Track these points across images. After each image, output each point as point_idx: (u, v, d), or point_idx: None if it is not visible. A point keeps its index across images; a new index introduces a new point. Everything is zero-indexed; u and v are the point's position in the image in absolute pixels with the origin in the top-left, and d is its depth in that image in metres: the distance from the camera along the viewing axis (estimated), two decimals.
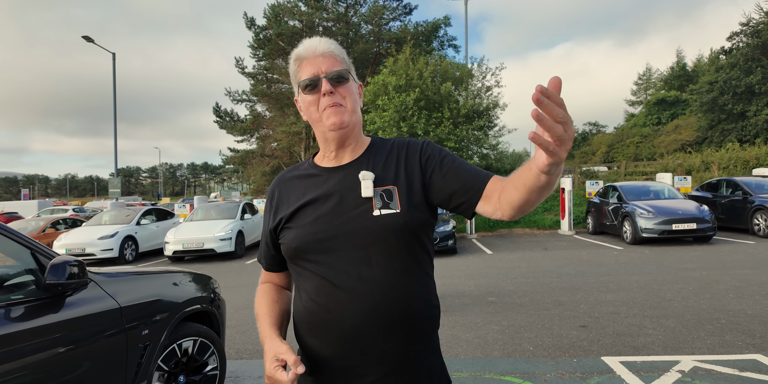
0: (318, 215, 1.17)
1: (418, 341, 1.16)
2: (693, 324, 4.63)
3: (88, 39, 20.11)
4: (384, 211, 1.13)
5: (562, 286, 6.60)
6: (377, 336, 1.11)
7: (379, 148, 1.25)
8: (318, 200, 1.19)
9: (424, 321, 1.17)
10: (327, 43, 1.21)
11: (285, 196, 1.26)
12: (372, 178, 1.16)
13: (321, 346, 1.15)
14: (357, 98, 1.23)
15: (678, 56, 45.97)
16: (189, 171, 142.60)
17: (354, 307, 1.11)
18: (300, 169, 1.30)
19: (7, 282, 2.20)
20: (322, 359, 1.16)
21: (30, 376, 1.87)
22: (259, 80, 26.68)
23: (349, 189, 1.17)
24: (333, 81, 1.17)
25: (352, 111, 1.19)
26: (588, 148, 42.09)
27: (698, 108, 28.53)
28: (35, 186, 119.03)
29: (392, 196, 1.15)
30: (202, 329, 3.06)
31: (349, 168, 1.21)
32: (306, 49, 1.19)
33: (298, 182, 1.26)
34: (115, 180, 21.75)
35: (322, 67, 1.17)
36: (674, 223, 10.11)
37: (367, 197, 1.15)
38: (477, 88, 17.46)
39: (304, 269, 1.18)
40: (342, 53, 1.23)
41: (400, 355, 1.13)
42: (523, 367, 3.73)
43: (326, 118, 1.17)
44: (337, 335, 1.12)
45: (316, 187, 1.22)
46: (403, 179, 1.18)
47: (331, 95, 1.17)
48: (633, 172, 20.23)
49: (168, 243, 11.46)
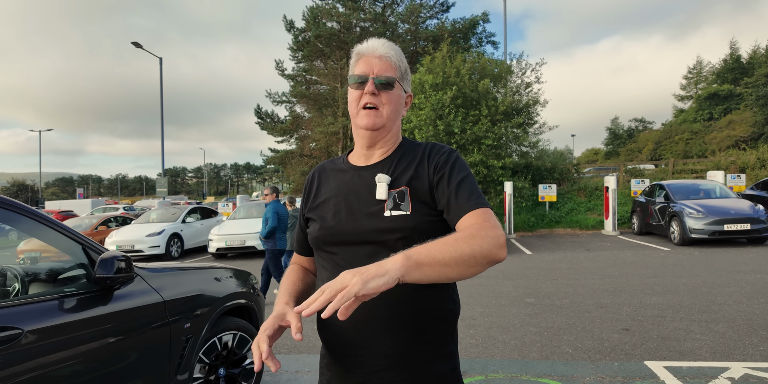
0: (337, 210, 1.23)
1: (424, 342, 1.16)
2: (745, 329, 4.40)
3: (136, 45, 21.00)
4: (395, 213, 1.16)
5: (604, 288, 6.41)
6: (379, 331, 1.14)
7: (407, 151, 1.29)
8: (341, 196, 1.25)
9: (431, 322, 1.17)
10: (388, 47, 1.25)
11: (318, 187, 1.34)
12: (387, 181, 1.20)
13: (330, 333, 1.22)
14: (399, 107, 1.27)
15: (732, 48, 43.63)
16: (232, 171, 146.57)
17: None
18: (336, 163, 1.37)
19: (61, 275, 2.34)
20: (331, 344, 1.22)
21: (80, 364, 1.99)
22: (298, 82, 27.15)
23: (369, 188, 1.22)
24: (379, 84, 1.21)
25: (387, 117, 1.23)
26: (634, 145, 40.63)
27: (754, 102, 27.03)
28: (89, 186, 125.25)
29: (404, 198, 1.18)
30: (242, 324, 3.15)
31: (374, 168, 1.26)
32: (367, 48, 1.25)
33: (332, 175, 1.33)
34: (162, 180, 22.63)
35: (374, 68, 1.22)
36: (726, 224, 9.63)
37: (382, 199, 1.19)
38: (516, 84, 17.14)
39: (322, 259, 1.26)
40: (400, 61, 1.26)
41: (402, 352, 1.15)
42: (561, 370, 3.65)
43: (360, 117, 1.23)
44: (342, 324, 1.15)
45: (343, 183, 1.28)
46: (416, 182, 1.21)
47: (372, 96, 1.21)
48: (682, 170, 19.36)
49: (212, 240, 11.84)
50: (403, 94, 1.28)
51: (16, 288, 2.19)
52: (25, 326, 1.80)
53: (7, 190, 63.22)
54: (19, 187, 63.11)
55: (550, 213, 15.47)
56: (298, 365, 4.02)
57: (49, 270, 2.42)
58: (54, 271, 2.39)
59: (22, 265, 2.53)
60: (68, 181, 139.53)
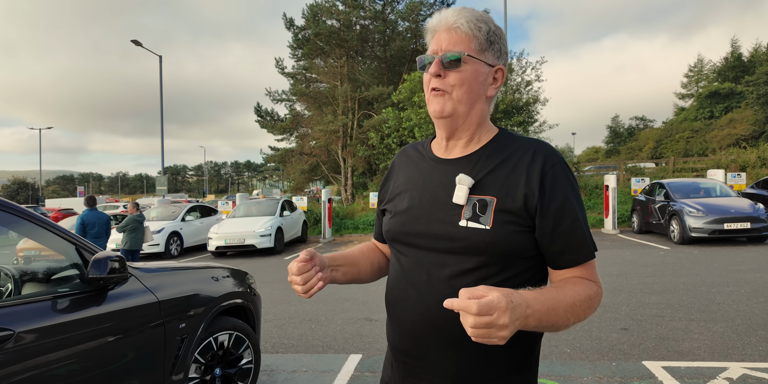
0: (411, 206, 1.10)
1: (486, 368, 1.03)
2: (744, 329, 4.39)
3: (136, 43, 20.97)
4: (471, 224, 1.00)
5: (603, 287, 6.38)
6: (435, 346, 1.04)
7: (499, 147, 1.07)
8: (417, 190, 1.11)
9: (497, 348, 1.00)
10: (460, 13, 1.03)
11: (397, 173, 1.21)
12: (469, 184, 1.02)
13: (392, 334, 1.15)
14: (478, 87, 1.04)
15: (733, 46, 43.56)
16: (233, 169, 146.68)
17: (416, 309, 1.06)
18: (418, 149, 1.21)
19: (54, 276, 2.33)
20: (393, 347, 1.15)
21: (73, 365, 1.97)
22: (298, 80, 27.09)
23: (447, 188, 1.06)
24: (446, 63, 1.02)
25: (459, 100, 1.03)
26: (634, 143, 40.58)
27: (755, 100, 26.97)
28: (90, 184, 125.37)
29: (486, 210, 1.00)
30: (238, 323, 3.14)
31: (455, 164, 1.08)
32: (438, 21, 1.05)
33: (412, 164, 1.18)
34: (162, 178, 22.61)
35: (442, 44, 1.03)
36: (726, 223, 9.61)
37: (458, 204, 1.03)
38: (516, 82, 17.12)
39: (392, 255, 1.17)
40: (476, 29, 1.02)
41: (458, 374, 1.03)
42: (559, 370, 3.64)
43: (429, 104, 1.07)
44: (401, 330, 1.09)
45: (421, 176, 1.13)
46: (506, 192, 1.01)
47: (438, 78, 1.03)
48: (682, 168, 19.33)
49: (211, 239, 11.84)
50: (484, 69, 1.04)
51: (8, 288, 2.18)
52: (17, 327, 1.79)
53: (7, 188, 63.28)
54: (20, 185, 63.14)
55: None
56: (295, 365, 4.01)
57: (42, 270, 2.41)
58: (47, 272, 2.37)
59: (16, 265, 2.52)
60: (69, 179, 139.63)
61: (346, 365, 3.92)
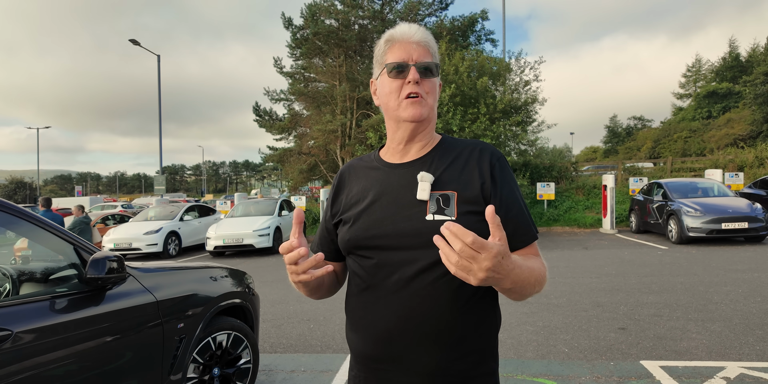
0: (372, 211, 1.14)
1: (460, 359, 1.08)
2: (741, 328, 4.40)
3: (134, 42, 20.94)
4: (438, 217, 1.06)
5: (601, 286, 6.41)
6: (411, 345, 1.07)
7: (448, 148, 1.18)
8: (375, 196, 1.15)
9: (470, 338, 1.08)
10: (424, 33, 1.16)
11: (348, 186, 1.24)
12: (431, 180, 1.10)
13: (359, 343, 1.15)
14: (437, 95, 1.18)
15: (731, 46, 43.66)
16: (231, 169, 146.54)
17: (389, 309, 1.08)
18: (365, 160, 1.27)
19: (52, 276, 2.32)
20: (360, 356, 1.16)
21: (71, 366, 1.97)
22: (296, 79, 27.07)
23: (407, 188, 1.12)
24: (422, 71, 1.12)
25: (430, 107, 1.14)
26: (633, 143, 40.65)
27: (752, 100, 27.04)
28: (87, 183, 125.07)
29: (449, 202, 1.08)
30: (236, 323, 3.14)
31: (411, 166, 1.16)
32: (402, 34, 1.14)
33: (363, 174, 1.23)
34: (160, 177, 22.58)
35: (413, 54, 1.12)
36: (724, 222, 9.63)
37: (423, 200, 1.09)
38: (515, 82, 17.12)
39: (354, 263, 1.17)
40: (435, 48, 1.18)
41: (436, 370, 1.07)
42: (557, 370, 3.64)
43: (404, 108, 1.12)
44: (374, 335, 1.10)
45: (376, 183, 1.18)
46: (464, 186, 1.10)
47: (416, 85, 1.12)
48: (680, 168, 19.37)
49: (209, 238, 11.82)
50: (439, 81, 1.19)
51: (6, 288, 2.17)
52: (15, 327, 1.78)
53: (5, 187, 63.12)
54: (17, 185, 62.99)
55: (548, 211, 15.47)
56: (293, 365, 4.01)
57: (40, 270, 2.41)
58: (45, 272, 2.37)
59: (13, 265, 2.51)
60: (67, 178, 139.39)
61: (345, 365, 3.92)
